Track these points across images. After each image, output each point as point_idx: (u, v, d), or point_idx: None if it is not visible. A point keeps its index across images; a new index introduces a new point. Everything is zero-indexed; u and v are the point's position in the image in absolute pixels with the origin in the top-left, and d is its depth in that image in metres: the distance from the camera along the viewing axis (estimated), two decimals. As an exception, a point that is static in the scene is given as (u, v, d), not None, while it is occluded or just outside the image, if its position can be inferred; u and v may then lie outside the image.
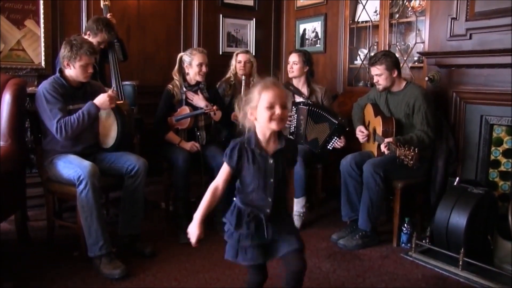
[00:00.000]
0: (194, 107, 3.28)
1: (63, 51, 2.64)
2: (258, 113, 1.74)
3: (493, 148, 3.02)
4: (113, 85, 3.41)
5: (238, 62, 3.70)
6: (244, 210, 1.82)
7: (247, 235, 1.78)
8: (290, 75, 3.61)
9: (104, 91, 2.95)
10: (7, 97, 2.67)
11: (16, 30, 3.67)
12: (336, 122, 3.33)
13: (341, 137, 3.36)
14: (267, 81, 1.76)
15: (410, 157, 2.60)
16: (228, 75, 3.77)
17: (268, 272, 1.96)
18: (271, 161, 1.78)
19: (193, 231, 1.81)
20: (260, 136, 1.79)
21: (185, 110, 3.25)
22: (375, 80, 3.12)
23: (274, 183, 1.79)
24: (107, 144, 2.86)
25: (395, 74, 3.05)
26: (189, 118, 3.22)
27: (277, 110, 1.71)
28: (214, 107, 3.23)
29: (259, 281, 1.95)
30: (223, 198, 1.87)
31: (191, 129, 3.29)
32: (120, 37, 3.62)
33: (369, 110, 3.27)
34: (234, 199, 1.88)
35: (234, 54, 3.77)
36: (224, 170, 1.83)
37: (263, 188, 1.79)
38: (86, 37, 3.19)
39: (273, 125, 1.73)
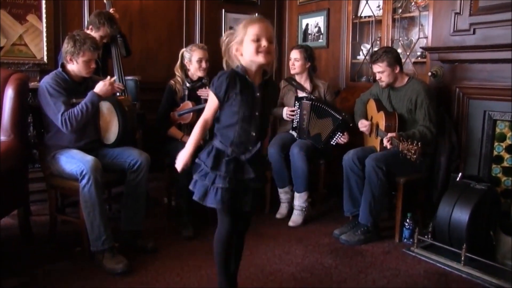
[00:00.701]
0: (197, 102, 3.28)
1: (66, 46, 2.63)
2: (244, 47, 1.76)
3: (496, 144, 3.00)
4: (116, 82, 3.40)
5: None
6: (223, 151, 1.82)
7: (225, 177, 1.78)
8: (292, 71, 3.60)
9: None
10: (9, 92, 2.67)
11: (18, 25, 3.67)
12: (340, 118, 3.31)
13: (345, 133, 3.35)
14: (253, 17, 1.80)
15: (413, 152, 2.59)
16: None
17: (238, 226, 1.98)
18: (257, 93, 1.80)
19: (182, 158, 1.83)
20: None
21: (188, 105, 3.25)
22: (377, 77, 3.12)
23: (259, 117, 1.81)
24: (109, 139, 2.86)
25: (397, 70, 3.05)
26: (191, 113, 3.22)
27: (264, 43, 1.73)
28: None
29: (231, 230, 1.92)
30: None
31: (194, 124, 3.28)
32: (123, 33, 3.61)
33: (371, 106, 3.26)
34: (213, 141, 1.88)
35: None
36: (212, 103, 1.83)
37: (248, 120, 1.79)
38: (88, 31, 3.19)
39: (260, 58, 1.74)
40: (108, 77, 2.74)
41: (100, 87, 2.65)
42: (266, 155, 1.97)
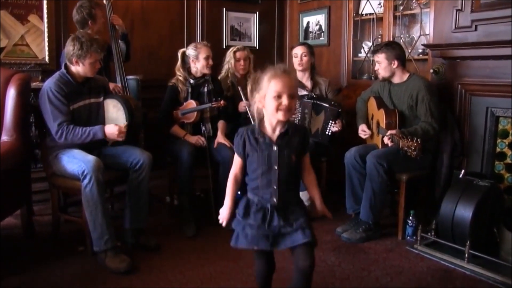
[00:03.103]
0: (200, 101, 3.27)
1: (72, 49, 2.60)
2: (266, 101, 1.75)
3: (499, 140, 2.99)
4: (118, 82, 3.40)
5: (237, 61, 3.65)
6: (252, 200, 1.84)
7: (253, 226, 1.80)
8: (299, 68, 3.57)
9: (108, 86, 2.96)
10: (11, 92, 2.68)
11: (20, 25, 3.67)
12: (327, 105, 3.32)
13: (337, 121, 3.33)
14: (277, 69, 1.76)
15: (413, 148, 2.59)
16: (223, 74, 3.69)
17: (275, 264, 1.99)
18: (275, 148, 1.79)
19: (224, 213, 1.89)
20: (267, 123, 1.81)
21: (192, 104, 3.24)
22: (375, 68, 3.16)
23: (279, 170, 1.80)
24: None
25: (395, 65, 3.04)
26: (195, 112, 3.22)
27: (284, 101, 1.72)
28: (221, 102, 3.21)
29: (266, 270, 1.95)
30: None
31: (196, 122, 3.28)
32: (129, 39, 3.62)
33: (372, 103, 3.26)
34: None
35: (231, 52, 3.68)
36: (236, 160, 1.90)
37: (267, 175, 1.80)
38: (89, 30, 3.19)
39: (280, 116, 1.74)
40: (122, 125, 2.68)
41: (110, 130, 2.63)
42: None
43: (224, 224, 1.89)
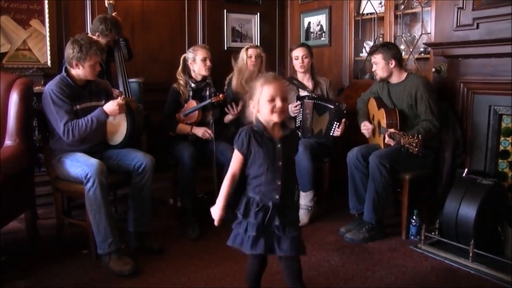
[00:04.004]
0: (201, 101, 3.28)
1: (71, 52, 2.61)
2: (260, 106, 1.86)
3: (502, 139, 2.98)
4: (120, 85, 3.42)
5: (249, 57, 3.65)
6: (253, 199, 1.88)
7: (254, 225, 1.85)
8: (301, 70, 3.56)
9: (110, 89, 2.97)
10: (14, 96, 2.69)
11: (22, 30, 3.69)
12: (332, 106, 3.31)
13: (341, 122, 3.31)
14: (268, 76, 1.89)
15: (414, 144, 2.59)
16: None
17: (267, 261, 2.03)
18: (279, 145, 1.87)
19: (216, 212, 1.91)
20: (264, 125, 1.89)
21: (192, 104, 3.25)
22: (373, 69, 3.17)
23: (283, 167, 1.87)
24: (115, 141, 2.87)
25: (393, 65, 3.05)
26: (197, 111, 3.23)
27: (278, 103, 1.82)
28: (220, 95, 3.21)
29: (259, 270, 2.03)
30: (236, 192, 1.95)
31: (200, 122, 3.28)
32: (126, 36, 3.62)
33: (372, 104, 3.25)
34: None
35: (244, 49, 3.69)
36: (236, 157, 1.92)
37: (272, 171, 1.86)
38: (94, 37, 3.20)
39: (275, 117, 1.84)
40: (119, 98, 2.70)
41: (109, 106, 2.64)
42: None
43: (216, 224, 1.92)
